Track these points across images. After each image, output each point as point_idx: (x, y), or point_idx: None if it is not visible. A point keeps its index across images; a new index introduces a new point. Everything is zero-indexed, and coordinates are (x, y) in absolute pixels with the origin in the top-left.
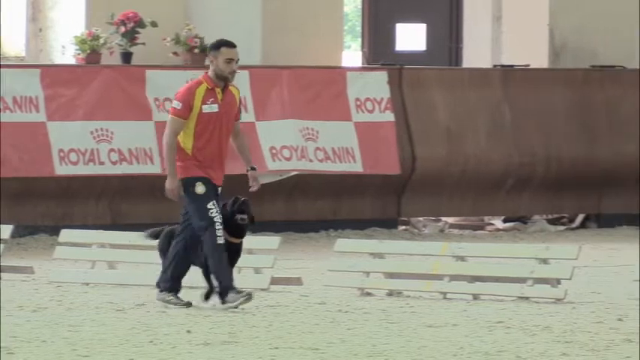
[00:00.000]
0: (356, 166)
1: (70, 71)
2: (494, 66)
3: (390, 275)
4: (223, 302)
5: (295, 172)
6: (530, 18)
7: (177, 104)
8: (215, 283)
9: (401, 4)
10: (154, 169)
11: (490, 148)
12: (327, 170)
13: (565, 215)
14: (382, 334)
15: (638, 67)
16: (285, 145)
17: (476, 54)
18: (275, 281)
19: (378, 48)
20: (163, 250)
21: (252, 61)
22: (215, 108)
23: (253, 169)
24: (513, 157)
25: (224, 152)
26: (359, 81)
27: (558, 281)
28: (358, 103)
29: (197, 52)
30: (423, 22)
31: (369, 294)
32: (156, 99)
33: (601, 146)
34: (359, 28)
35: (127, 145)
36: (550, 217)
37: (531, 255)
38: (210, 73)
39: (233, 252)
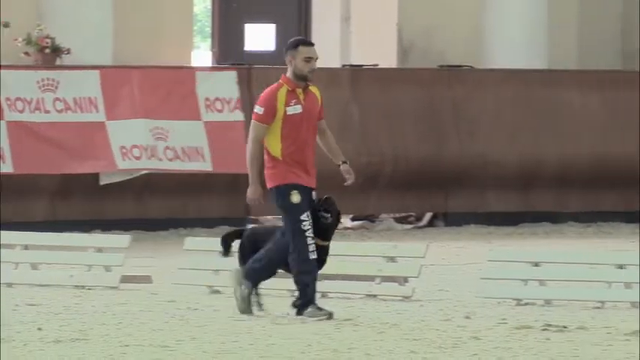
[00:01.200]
0: (205, 165)
1: None
2: (343, 66)
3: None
4: (299, 314)
5: (145, 171)
6: (379, 18)
7: (259, 109)
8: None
9: (250, 5)
10: (6, 168)
11: (339, 146)
12: (177, 169)
13: (412, 214)
14: (231, 332)
15: (485, 68)
16: (135, 144)
17: (325, 54)
18: (125, 279)
19: (228, 48)
20: (244, 253)
21: (103, 61)
22: (299, 109)
23: (345, 162)
24: (362, 157)
25: (313, 153)
26: (208, 81)
27: (406, 279)
28: (208, 102)
29: (48, 53)
30: (272, 22)
31: (218, 292)
32: (7, 99)
33: (448, 146)
34: (209, 29)
35: None
36: (398, 215)
37: (379, 253)
38: (288, 74)
39: (324, 256)
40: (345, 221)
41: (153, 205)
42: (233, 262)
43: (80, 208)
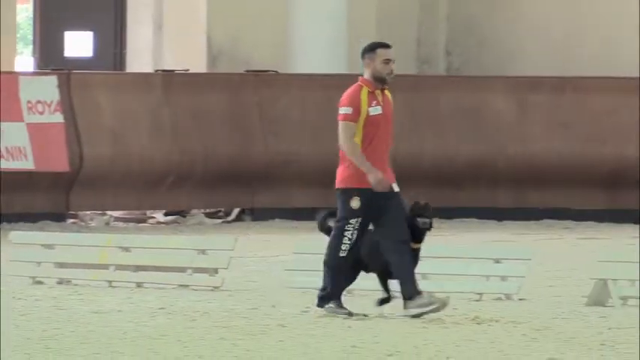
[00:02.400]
0: (28, 164)
1: None
2: (156, 71)
3: (60, 265)
4: (320, 305)
5: None
6: (190, 27)
7: (346, 109)
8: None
9: (69, 14)
10: None
11: (152, 147)
12: (2, 168)
13: (221, 209)
14: (53, 320)
15: (289, 72)
16: None
17: (139, 60)
18: None
19: (49, 54)
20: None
21: None
22: (379, 110)
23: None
24: (174, 156)
25: (388, 154)
26: (30, 85)
27: (216, 270)
28: (30, 105)
29: None
30: (89, 30)
31: (40, 282)
32: None
33: (254, 146)
34: (31, 36)
35: None
36: (208, 211)
37: (191, 246)
38: (367, 76)
39: (415, 258)
40: (159, 216)
41: None
42: (54, 254)
43: None
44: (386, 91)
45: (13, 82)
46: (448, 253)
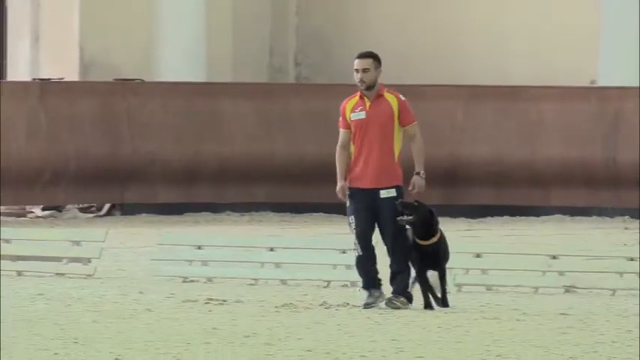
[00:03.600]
0: None
1: None
2: (33, 79)
3: None
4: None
5: None
6: (64, 39)
7: (340, 118)
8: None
9: None
10: None
11: (29, 148)
12: None
13: (94, 205)
14: None
15: (154, 81)
16: None
17: (17, 69)
18: None
19: None
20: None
21: None
22: (362, 115)
23: (417, 174)
24: (49, 155)
25: (379, 157)
26: None
27: (89, 260)
28: None
29: None
30: None
31: None
32: None
33: (123, 147)
34: None
35: None
36: (81, 206)
37: (66, 238)
38: None
39: (426, 255)
40: (37, 211)
41: None
42: None
43: None
44: (386, 96)
45: None
46: (300, 244)
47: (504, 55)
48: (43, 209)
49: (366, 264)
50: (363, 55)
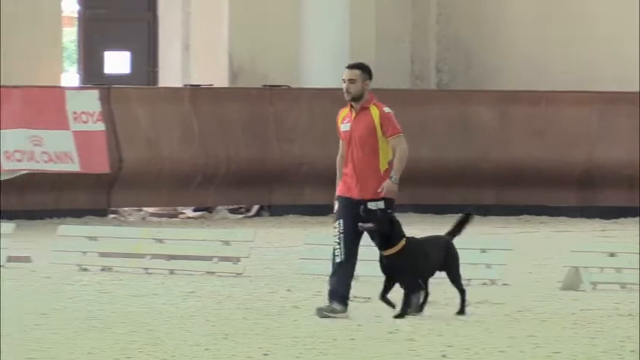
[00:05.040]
0: (74, 167)
1: None
2: (185, 85)
3: (103, 254)
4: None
5: (25, 171)
6: (213, 46)
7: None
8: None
9: (109, 37)
10: None
11: (182, 151)
12: (51, 170)
13: (243, 206)
14: (97, 302)
15: (299, 87)
16: (17, 149)
17: (169, 76)
18: (10, 259)
19: (91, 71)
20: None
21: None
22: (347, 127)
23: (390, 178)
24: (200, 159)
25: (362, 167)
26: (75, 98)
27: (238, 259)
28: (75, 115)
29: None
30: (127, 50)
31: (85, 270)
32: None
33: (271, 150)
34: (76, 56)
35: None
36: (231, 207)
37: (216, 238)
38: None
39: (387, 265)
40: (188, 212)
41: (32, 199)
42: (98, 245)
43: None
44: (370, 108)
45: (61, 95)
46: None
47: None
48: (195, 210)
49: (342, 277)
50: (352, 66)
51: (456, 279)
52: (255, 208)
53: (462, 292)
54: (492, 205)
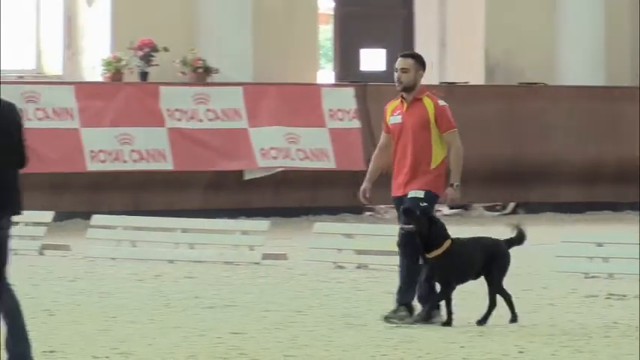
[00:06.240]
0: (330, 164)
1: (99, 87)
2: (440, 83)
3: (359, 252)
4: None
5: (281, 169)
6: (469, 43)
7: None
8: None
9: (365, 34)
10: (166, 166)
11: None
12: (307, 167)
13: (499, 203)
14: (352, 300)
15: (557, 84)
16: (272, 146)
17: (425, 73)
18: (265, 257)
19: (347, 69)
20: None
21: (245, 78)
22: (399, 119)
23: (451, 185)
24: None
25: (412, 161)
26: (331, 95)
27: None
28: (331, 112)
29: (200, 72)
30: (382, 47)
31: (341, 267)
32: (167, 109)
33: (528, 148)
34: (331, 53)
35: (145, 147)
36: (487, 205)
37: (470, 235)
38: None
39: (431, 268)
40: (444, 209)
41: (288, 196)
42: (354, 243)
43: (228, 199)
44: (424, 100)
45: (317, 92)
46: None
47: None
48: (451, 208)
49: (406, 283)
50: (405, 55)
51: (493, 285)
52: (512, 205)
53: (507, 296)
54: None
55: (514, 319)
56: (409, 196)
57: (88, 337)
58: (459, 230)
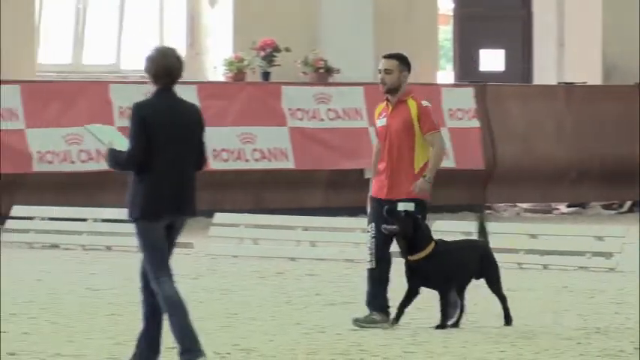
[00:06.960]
0: (449, 163)
1: (221, 87)
2: (559, 83)
3: None
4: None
5: None
6: (587, 44)
7: None
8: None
9: (484, 35)
10: (288, 164)
11: (555, 148)
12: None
13: (616, 201)
14: (471, 299)
15: None
16: None
17: (544, 73)
18: None
19: (466, 69)
20: None
21: (366, 78)
22: (384, 122)
23: (423, 177)
24: (574, 155)
25: (395, 166)
26: (451, 95)
27: (611, 254)
28: (450, 112)
29: (322, 72)
30: (501, 48)
31: None
32: (289, 109)
33: None
34: (451, 54)
35: (267, 146)
36: (604, 203)
37: (589, 233)
38: None
39: (414, 271)
40: (562, 207)
41: None
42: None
43: (348, 197)
44: (407, 101)
45: (437, 92)
46: None
47: None
48: (568, 206)
49: (376, 285)
50: (389, 56)
51: (495, 286)
52: (628, 204)
53: (503, 299)
54: None
55: (508, 321)
56: (398, 207)
57: (209, 333)
58: (578, 229)
